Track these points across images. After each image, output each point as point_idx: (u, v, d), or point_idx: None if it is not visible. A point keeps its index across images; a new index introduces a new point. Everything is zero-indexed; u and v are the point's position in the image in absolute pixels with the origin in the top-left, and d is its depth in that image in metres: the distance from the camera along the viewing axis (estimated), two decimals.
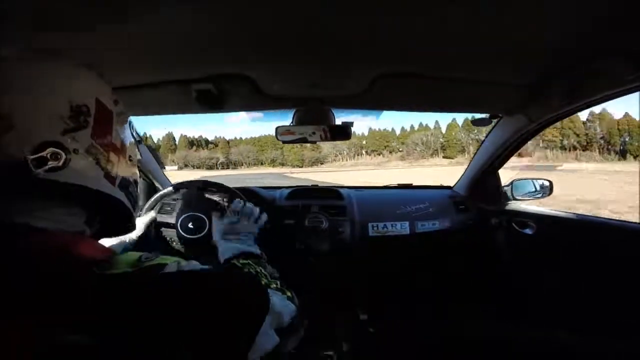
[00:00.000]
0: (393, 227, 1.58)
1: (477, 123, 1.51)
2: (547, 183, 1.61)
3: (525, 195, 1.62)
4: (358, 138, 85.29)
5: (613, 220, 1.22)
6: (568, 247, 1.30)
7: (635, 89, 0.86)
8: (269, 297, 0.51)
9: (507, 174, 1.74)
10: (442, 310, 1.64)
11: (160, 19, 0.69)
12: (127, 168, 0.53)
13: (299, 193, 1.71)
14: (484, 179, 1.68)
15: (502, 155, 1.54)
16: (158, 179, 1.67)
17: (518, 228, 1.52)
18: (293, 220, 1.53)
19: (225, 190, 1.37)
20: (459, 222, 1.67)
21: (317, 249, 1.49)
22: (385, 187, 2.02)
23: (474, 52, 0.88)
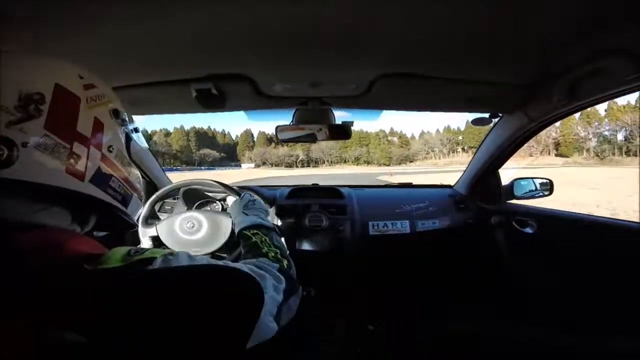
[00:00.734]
0: (393, 226, 1.58)
1: (477, 122, 1.51)
2: (547, 182, 1.61)
3: (526, 195, 1.62)
4: (453, 133, 74.35)
5: (613, 220, 1.22)
6: (568, 246, 1.30)
7: (635, 89, 0.85)
8: (263, 289, 0.50)
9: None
10: (442, 310, 1.65)
11: (161, 19, 0.69)
12: (105, 160, 0.48)
13: (299, 192, 1.72)
14: (485, 178, 1.69)
15: (502, 155, 1.54)
16: (158, 179, 1.67)
17: (518, 227, 1.52)
18: (293, 220, 1.54)
19: (225, 189, 1.38)
20: (459, 221, 1.67)
21: (317, 248, 1.50)
22: (386, 186, 2.02)
23: (474, 52, 0.88)
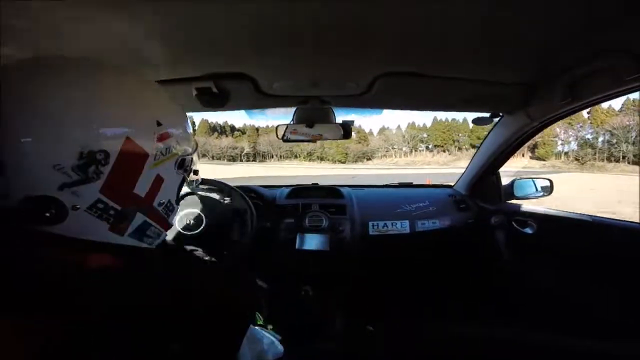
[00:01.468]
0: (393, 225, 1.58)
1: (478, 122, 1.51)
2: (547, 182, 1.61)
3: (526, 195, 1.62)
4: (418, 129, 67.99)
5: (614, 220, 1.22)
6: (568, 246, 1.30)
7: (635, 89, 0.85)
8: (257, 296, 0.51)
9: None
10: (442, 310, 1.65)
11: (161, 19, 0.69)
12: (152, 215, 0.44)
13: (299, 192, 1.72)
14: (485, 178, 1.68)
15: (502, 155, 1.54)
16: None
17: (518, 227, 1.52)
18: (293, 219, 1.54)
19: (225, 188, 1.38)
20: (459, 221, 1.67)
21: (316, 248, 1.50)
22: (386, 185, 2.02)
23: (475, 51, 0.88)
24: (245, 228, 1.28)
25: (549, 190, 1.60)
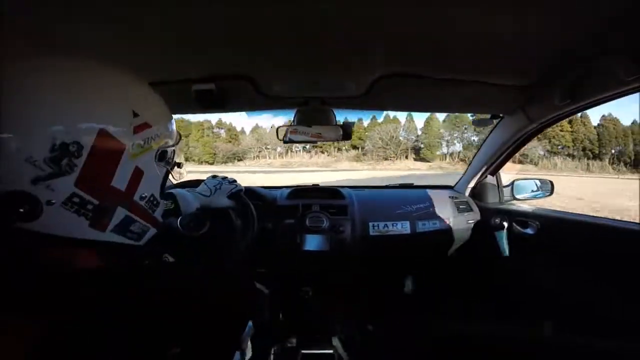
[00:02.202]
0: (394, 226, 1.58)
1: (478, 123, 1.51)
2: (548, 183, 1.61)
3: (527, 195, 1.62)
4: None
5: (614, 221, 1.22)
6: (569, 247, 1.30)
7: (636, 89, 0.85)
8: (256, 298, 0.50)
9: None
10: (442, 310, 1.65)
11: (161, 19, 0.69)
12: (134, 209, 0.43)
13: (300, 192, 1.72)
14: (485, 179, 1.68)
15: (503, 155, 1.54)
16: None
17: (519, 228, 1.52)
18: (293, 220, 1.54)
19: None
20: (460, 222, 1.67)
21: (317, 249, 1.50)
22: (386, 186, 2.02)
23: (475, 52, 0.88)
24: (246, 229, 1.28)
25: (550, 191, 1.60)
